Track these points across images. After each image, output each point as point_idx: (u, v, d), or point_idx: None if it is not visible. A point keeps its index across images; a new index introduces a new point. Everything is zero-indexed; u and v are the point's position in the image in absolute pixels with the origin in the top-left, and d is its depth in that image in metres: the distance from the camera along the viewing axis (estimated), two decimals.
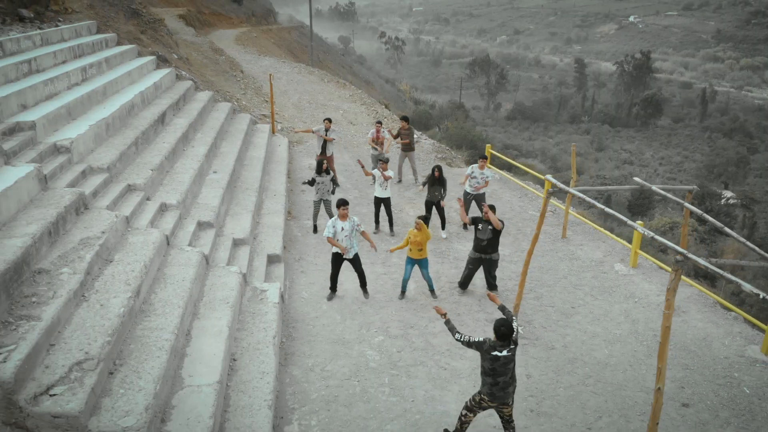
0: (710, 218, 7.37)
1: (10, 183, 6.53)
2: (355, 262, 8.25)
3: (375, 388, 6.56)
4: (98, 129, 9.17)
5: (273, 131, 15.56)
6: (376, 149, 12.93)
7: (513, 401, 5.44)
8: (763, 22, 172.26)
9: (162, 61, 15.08)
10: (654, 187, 7.80)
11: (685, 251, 5.44)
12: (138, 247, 6.96)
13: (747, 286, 5.48)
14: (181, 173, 9.64)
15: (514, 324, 5.27)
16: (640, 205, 63.94)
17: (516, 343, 5.25)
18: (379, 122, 13.31)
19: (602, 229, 11.52)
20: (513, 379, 5.31)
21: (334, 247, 8.06)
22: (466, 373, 6.87)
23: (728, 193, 77.22)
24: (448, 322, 5.55)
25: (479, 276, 9.00)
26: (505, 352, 5.14)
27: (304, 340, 7.43)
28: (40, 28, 13.33)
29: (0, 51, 10.20)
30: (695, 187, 8.57)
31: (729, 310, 8.82)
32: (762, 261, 6.73)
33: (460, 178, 13.30)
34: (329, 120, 12.66)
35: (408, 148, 13.19)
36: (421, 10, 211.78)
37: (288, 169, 13.37)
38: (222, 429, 5.38)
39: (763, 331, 8.16)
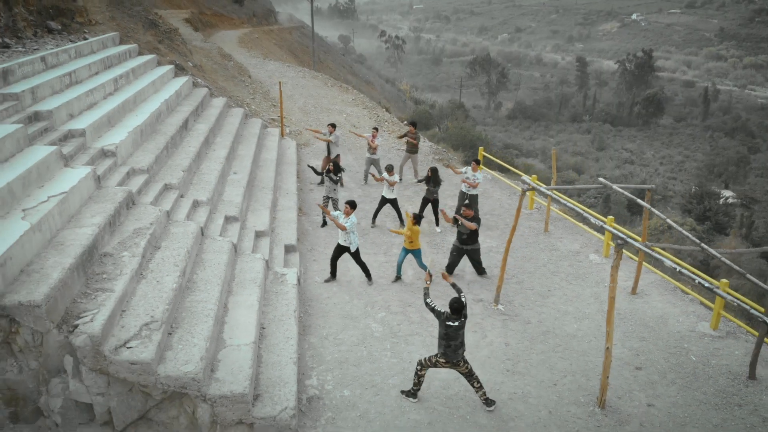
0: (657, 212, 8.83)
1: (74, 182, 8.01)
2: (356, 255, 9.70)
3: (379, 352, 8.04)
4: (135, 135, 10.64)
5: (282, 134, 17.04)
6: (374, 153, 14.34)
7: (465, 361, 6.86)
8: (767, 20, 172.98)
9: (179, 70, 16.56)
10: (615, 186, 9.25)
11: (624, 236, 6.91)
12: (179, 237, 8.44)
13: (685, 270, 6.96)
14: (206, 174, 11.12)
15: (464, 299, 6.73)
16: (640, 204, 65.37)
17: (465, 317, 6.71)
18: (375, 128, 14.72)
19: (580, 224, 12.98)
20: (462, 344, 6.77)
21: (339, 238, 9.54)
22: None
23: (728, 193, 78.37)
24: (426, 288, 7.01)
25: (468, 263, 10.47)
26: (456, 323, 6.62)
27: (319, 315, 8.91)
28: (71, 41, 14.81)
29: (43, 64, 11.67)
30: (654, 186, 10.02)
31: (687, 293, 10.29)
32: (694, 246, 8.17)
33: (455, 178, 14.77)
34: (333, 125, 14.16)
35: (413, 150, 14.65)
36: (422, 8, 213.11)
37: (297, 170, 14.84)
38: (257, 378, 6.85)
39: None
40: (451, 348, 6.69)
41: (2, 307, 5.92)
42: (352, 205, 9.44)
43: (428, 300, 6.85)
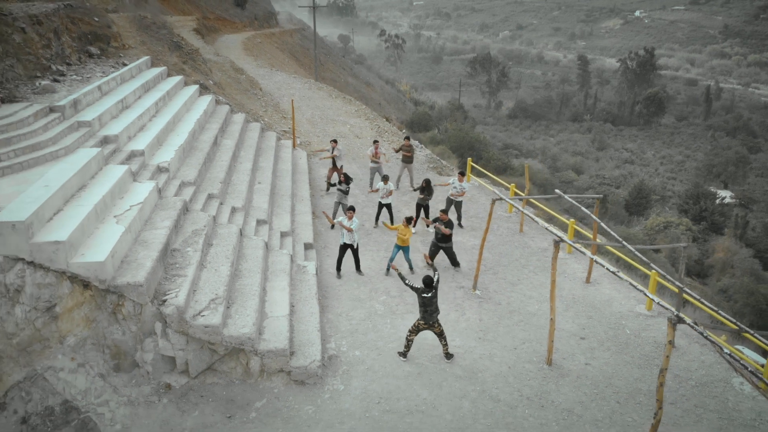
0: (597, 219, 11.49)
1: (145, 194, 10.69)
2: (356, 251, 12.36)
3: (381, 325, 10.74)
4: (180, 152, 13.32)
5: (294, 146, 19.73)
6: (376, 163, 17.02)
7: (438, 324, 9.54)
8: None
9: (203, 88, 19.24)
10: (567, 197, 11.92)
11: (561, 236, 9.60)
12: (225, 236, 11.14)
13: (601, 262, 9.64)
14: (238, 184, 13.81)
15: (435, 276, 9.38)
16: (638, 204, 67.78)
17: (436, 289, 9.37)
18: (376, 141, 17.34)
19: (544, 223, 15.63)
20: (436, 309, 9.43)
21: (342, 237, 12.15)
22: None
23: (727, 193, 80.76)
24: (399, 273, 9.62)
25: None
26: (429, 294, 9.29)
27: (333, 298, 11.60)
28: (112, 66, 17.51)
29: (99, 92, 14.36)
30: (602, 195, 12.70)
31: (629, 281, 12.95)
32: (613, 242, 10.84)
33: (446, 187, 17.46)
34: (335, 141, 16.86)
35: (408, 160, 17.32)
36: (422, 4, 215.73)
37: (309, 179, 17.53)
38: (292, 340, 9.54)
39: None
40: (428, 313, 9.38)
41: (114, 286, 8.62)
42: (353, 209, 12.10)
43: (406, 281, 9.50)
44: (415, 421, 8.53)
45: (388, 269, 12.63)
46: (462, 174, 14.80)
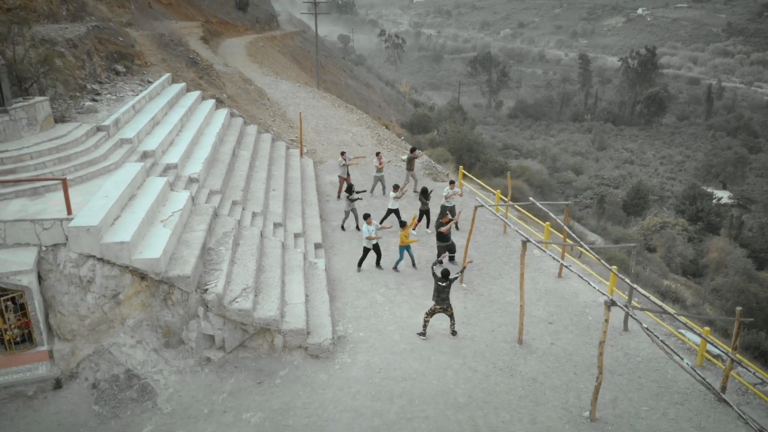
0: (560, 222, 13.82)
1: (183, 202, 13.03)
2: (377, 248, 14.68)
3: (381, 312, 13.08)
4: (206, 164, 15.66)
5: (301, 154, 22.07)
6: (380, 172, 19.31)
7: (450, 307, 11.89)
8: None
9: (219, 102, 21.58)
10: (538, 203, 14.23)
11: (526, 236, 11.94)
12: (249, 237, 13.48)
13: (539, 251, 11.97)
14: (256, 191, 16.16)
15: (452, 273, 11.74)
16: (636, 205, 70.01)
17: (451, 281, 11.70)
18: (378, 153, 19.64)
19: (529, 227, 17.97)
20: (448, 296, 11.78)
21: (366, 240, 14.44)
22: (425, 308, 13.38)
23: (725, 193, 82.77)
24: (440, 262, 11.92)
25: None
26: (443, 284, 11.63)
27: (340, 290, 13.95)
28: (138, 83, 19.84)
29: (133, 110, 16.70)
30: (570, 202, 15.04)
31: (595, 276, 15.29)
32: (573, 243, 13.17)
33: (441, 192, 19.77)
34: (343, 153, 19.17)
35: (410, 167, 19.65)
36: (422, 2, 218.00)
37: (316, 185, 19.87)
38: (308, 323, 11.88)
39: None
40: (441, 298, 11.71)
41: (167, 278, 10.96)
42: (368, 216, 14.37)
43: (434, 267, 11.85)
44: (408, 386, 10.88)
45: (396, 267, 14.92)
46: (452, 182, 17.11)
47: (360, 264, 14.89)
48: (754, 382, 11.61)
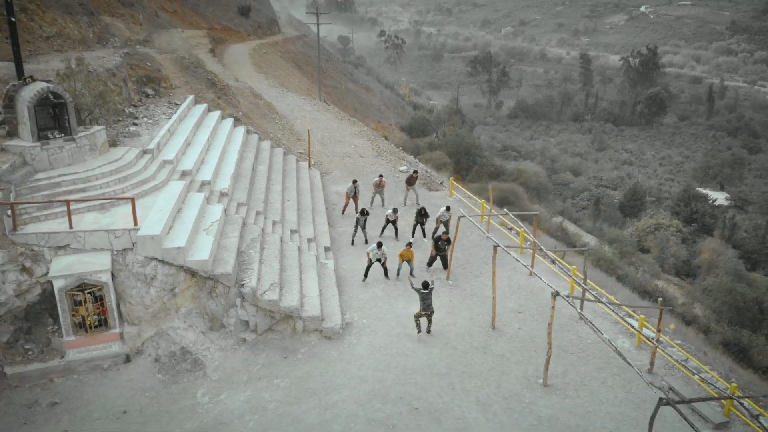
0: (527, 232, 17.27)
1: (219, 214, 16.44)
2: (384, 265, 17.95)
3: (381, 304, 16.51)
4: (232, 179, 19.07)
5: (309, 166, 25.49)
6: (379, 188, 22.61)
7: (433, 312, 15.24)
8: None
9: (236, 120, 24.98)
10: (510, 214, 17.62)
11: (497, 242, 15.37)
12: (272, 242, 16.90)
13: (515, 253, 15.40)
14: (273, 202, 19.58)
15: (430, 282, 15.09)
16: (632, 206, 73.38)
17: (431, 290, 15.04)
18: (381, 175, 23.01)
19: (506, 232, 21.36)
20: (431, 303, 15.12)
21: (370, 255, 17.72)
22: (417, 302, 16.80)
23: (722, 195, 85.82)
24: (412, 284, 15.34)
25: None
26: (426, 291, 15.01)
27: (347, 286, 17.37)
28: (168, 106, 23.25)
29: (169, 133, 20.10)
30: (538, 213, 18.45)
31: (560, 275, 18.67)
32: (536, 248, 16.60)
33: (436, 201, 23.16)
34: (355, 181, 22.22)
35: (411, 183, 22.97)
36: None
37: (323, 195, 23.29)
38: (322, 311, 15.30)
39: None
40: (425, 305, 15.06)
41: (213, 275, 14.37)
42: (381, 244, 17.53)
43: (413, 286, 15.21)
44: (402, 360, 14.30)
45: (398, 274, 18.24)
46: (448, 208, 20.34)
47: (366, 276, 18.07)
48: (680, 359, 15.05)
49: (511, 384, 13.79)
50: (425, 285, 14.96)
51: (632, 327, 14.09)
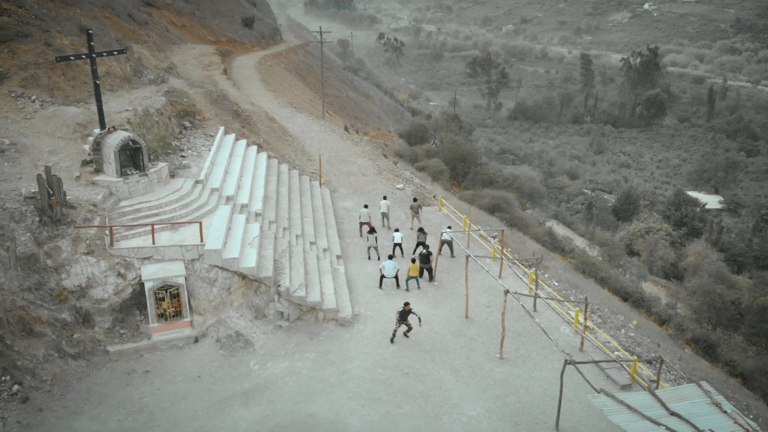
0: (498, 247, 23.49)
1: (257, 231, 22.62)
2: (397, 276, 24.07)
3: (382, 300, 22.70)
4: (263, 201, 25.19)
5: (320, 185, 31.58)
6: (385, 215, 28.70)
7: (410, 326, 21.38)
8: None
9: (259, 147, 31.09)
10: (480, 230, 23.75)
11: (469, 253, 21.56)
12: (297, 252, 23.07)
13: (489, 260, 21.62)
14: (295, 219, 25.72)
15: (408, 309, 21.27)
16: (626, 210, 79.43)
17: (407, 315, 21.16)
18: (385, 196, 29.08)
19: (483, 243, 27.49)
20: (406, 318, 21.23)
21: (383, 272, 23.86)
22: (412, 299, 22.93)
23: (716, 198, 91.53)
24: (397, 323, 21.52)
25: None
26: (401, 311, 21.12)
27: (355, 286, 23.55)
28: (204, 137, 29.36)
29: (211, 164, 26.21)
30: (504, 229, 24.59)
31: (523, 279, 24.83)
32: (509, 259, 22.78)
33: (427, 215, 29.29)
34: (366, 206, 28.34)
35: (417, 212, 29.04)
36: None
37: (333, 210, 29.43)
38: (337, 305, 21.44)
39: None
40: (404, 321, 21.14)
41: (258, 278, 20.54)
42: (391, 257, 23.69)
43: (397, 320, 21.36)
44: (397, 341, 20.44)
45: (406, 286, 24.25)
46: (449, 227, 26.48)
47: (380, 284, 24.06)
48: (604, 341, 21.22)
49: (477, 357, 19.94)
50: (404, 307, 20.34)
51: (571, 316, 20.22)
